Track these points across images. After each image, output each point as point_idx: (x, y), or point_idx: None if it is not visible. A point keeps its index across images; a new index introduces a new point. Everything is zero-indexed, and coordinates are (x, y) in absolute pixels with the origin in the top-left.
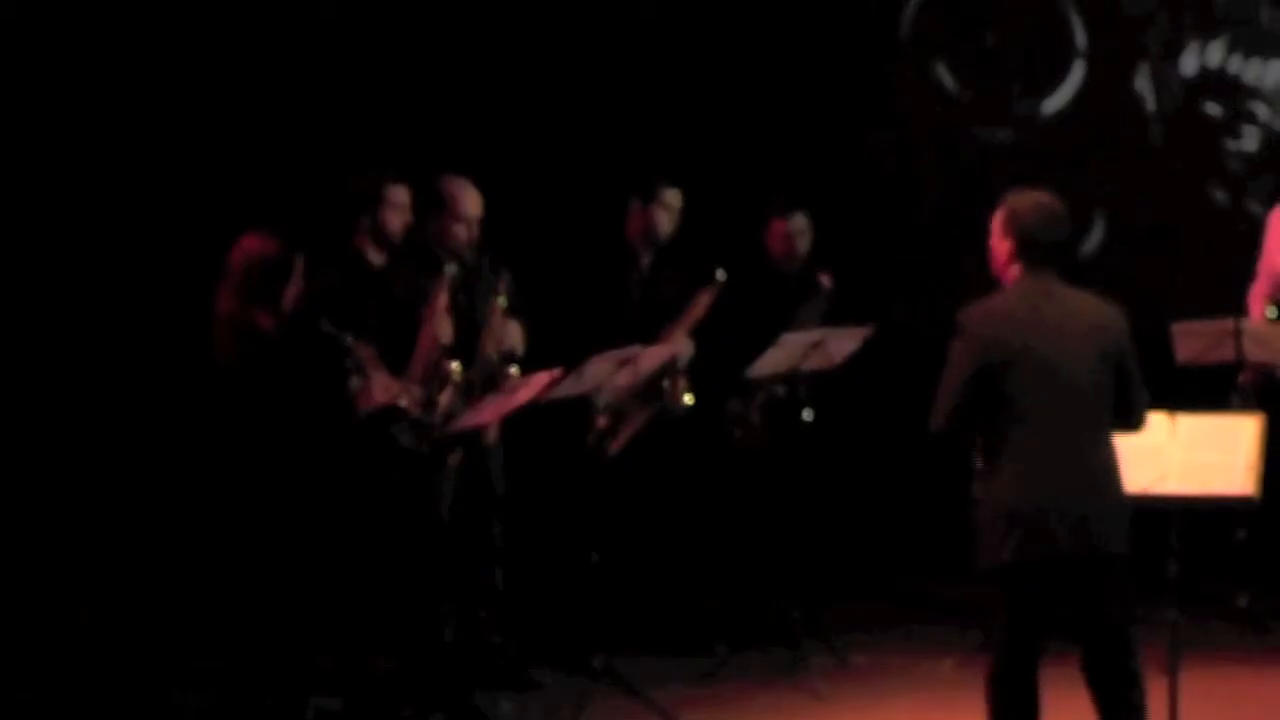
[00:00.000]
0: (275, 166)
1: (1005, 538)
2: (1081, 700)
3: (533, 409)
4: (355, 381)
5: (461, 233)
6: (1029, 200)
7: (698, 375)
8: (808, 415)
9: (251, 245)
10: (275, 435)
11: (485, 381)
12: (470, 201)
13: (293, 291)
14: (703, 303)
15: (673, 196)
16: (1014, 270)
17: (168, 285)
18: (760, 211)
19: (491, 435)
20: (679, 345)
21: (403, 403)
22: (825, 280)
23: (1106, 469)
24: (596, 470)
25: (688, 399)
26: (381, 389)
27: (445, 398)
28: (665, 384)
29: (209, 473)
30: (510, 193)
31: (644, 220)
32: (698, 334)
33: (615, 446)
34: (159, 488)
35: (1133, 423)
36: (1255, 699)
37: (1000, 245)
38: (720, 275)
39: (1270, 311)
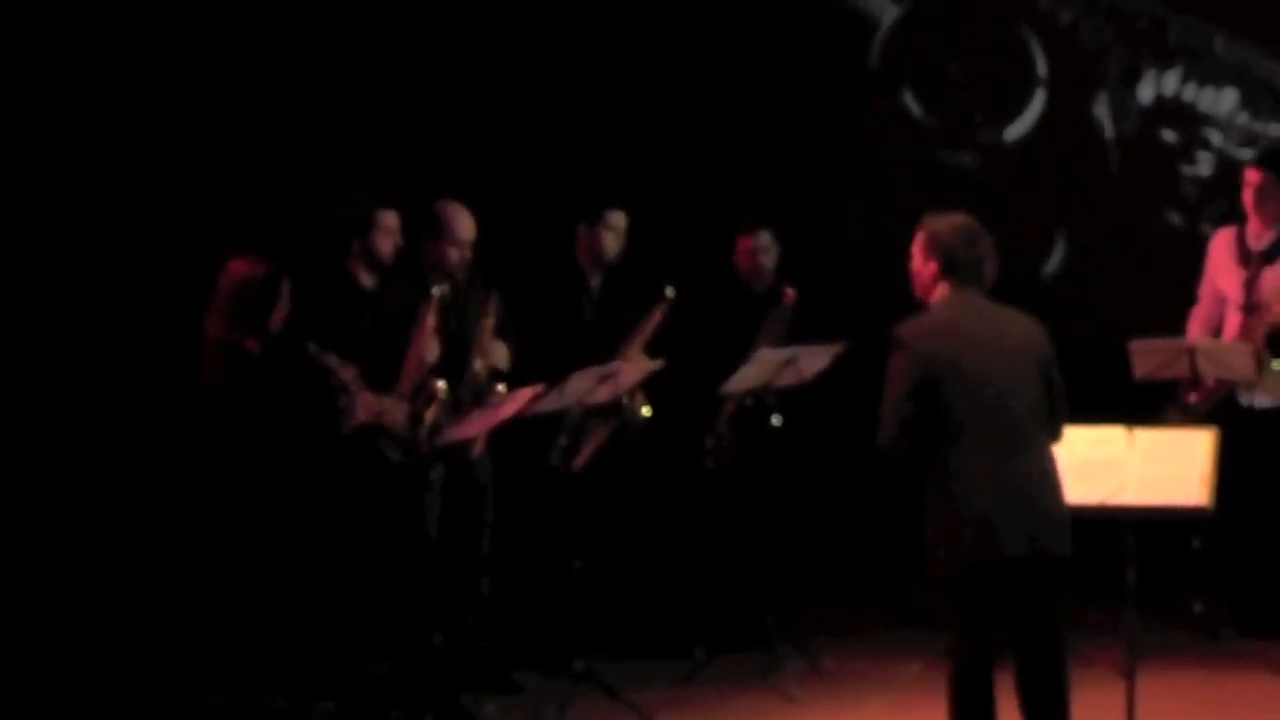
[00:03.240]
0: (269, 191)
1: (953, 547)
2: None
3: (507, 424)
4: (342, 400)
5: (454, 255)
6: (947, 222)
7: (670, 388)
8: (776, 421)
9: (239, 269)
10: (263, 452)
11: (474, 398)
12: (464, 225)
13: (279, 314)
14: (655, 319)
15: (616, 218)
16: (941, 289)
17: (160, 306)
18: (730, 230)
19: (479, 448)
20: (651, 361)
21: (387, 420)
22: (788, 294)
23: (1046, 476)
24: (565, 484)
25: (645, 411)
26: (365, 408)
27: (431, 414)
28: (624, 399)
29: (204, 488)
30: (491, 217)
31: (591, 243)
32: (669, 349)
33: (579, 462)
34: (156, 503)
35: (1054, 433)
36: (1209, 701)
37: (925, 267)
38: (670, 292)
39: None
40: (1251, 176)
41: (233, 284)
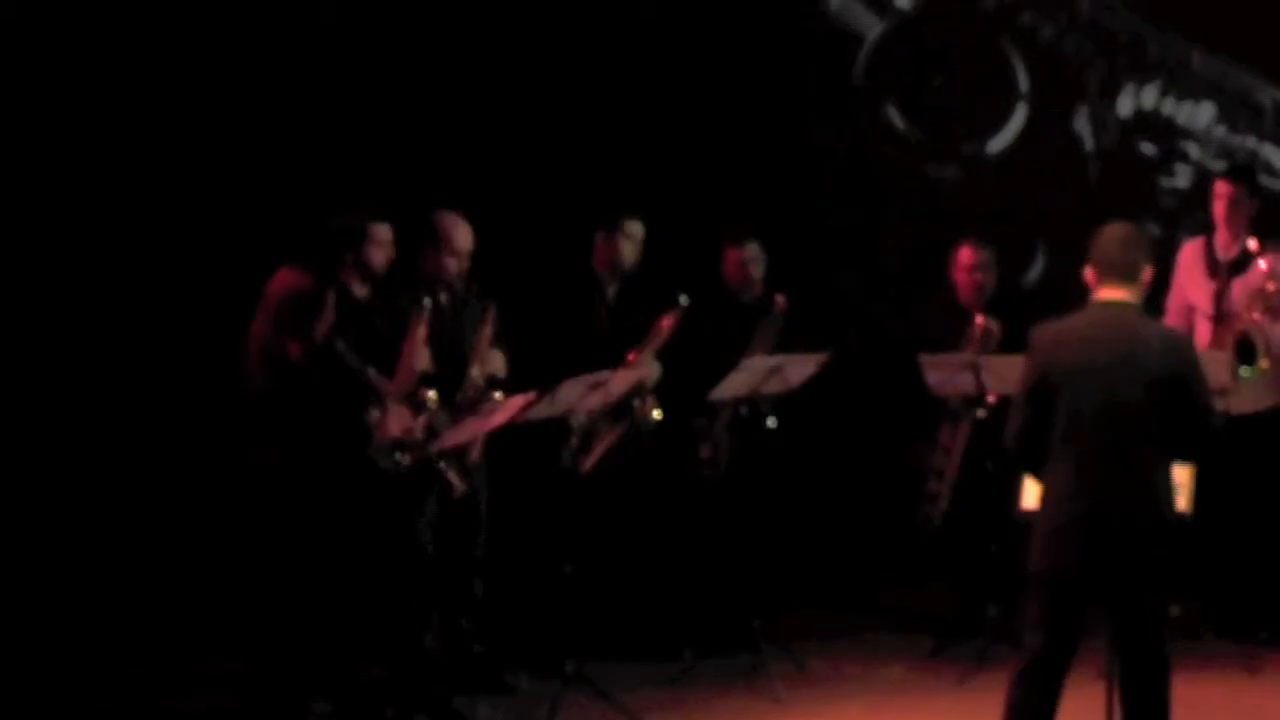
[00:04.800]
0: (266, 201)
1: (1044, 547)
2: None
3: (510, 429)
4: (373, 413)
5: (453, 265)
6: (1108, 228)
7: (664, 396)
8: (771, 422)
9: (287, 279)
10: (294, 456)
11: (470, 406)
12: (462, 236)
13: (324, 324)
14: (667, 326)
15: (634, 227)
16: (1096, 292)
17: (201, 313)
18: (718, 241)
19: (475, 453)
20: (646, 368)
21: (416, 435)
22: (780, 302)
23: (1146, 489)
24: (572, 486)
25: (656, 415)
26: (397, 422)
27: (421, 423)
28: (635, 403)
29: (223, 494)
30: (483, 227)
31: (608, 251)
32: (664, 356)
33: (589, 464)
34: (165, 505)
35: (1202, 445)
36: (1186, 702)
37: (1088, 273)
38: (683, 300)
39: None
40: (1222, 189)
41: (281, 292)
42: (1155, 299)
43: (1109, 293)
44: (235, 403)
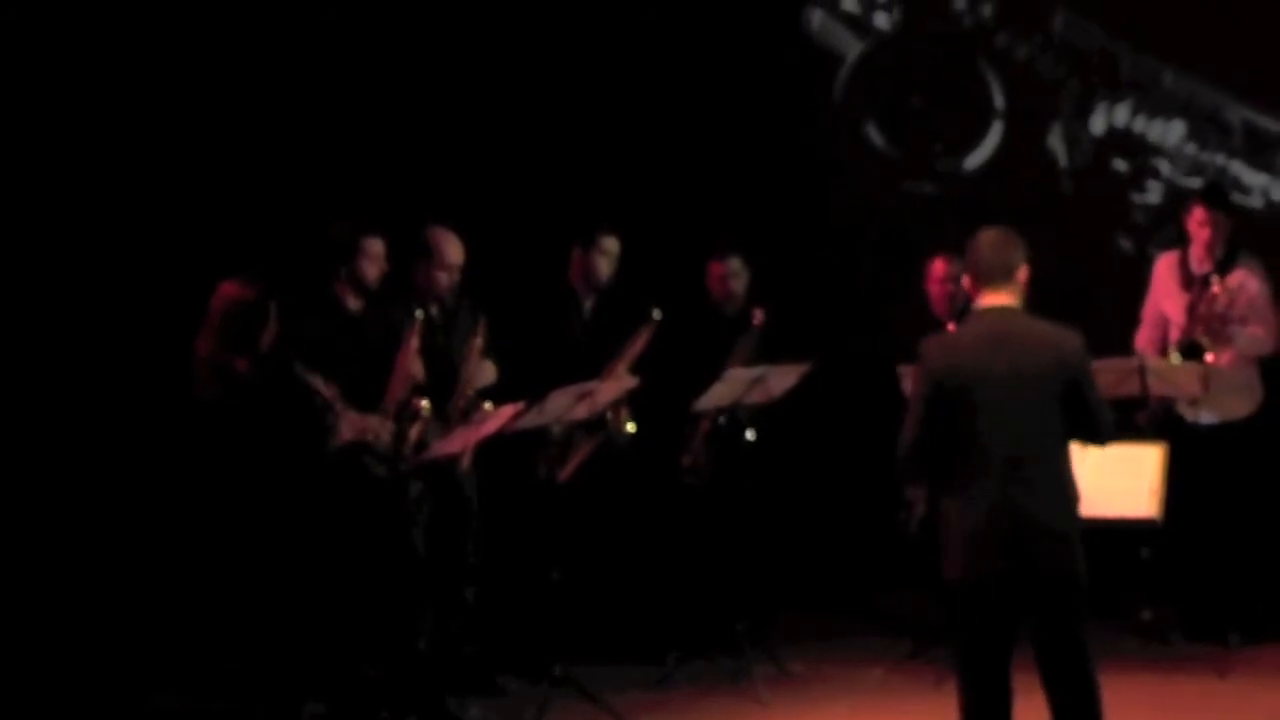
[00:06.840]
0: (260, 214)
1: (955, 556)
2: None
3: (495, 439)
4: (329, 419)
5: (444, 279)
6: (980, 235)
7: (648, 407)
8: (750, 435)
9: (230, 291)
10: (254, 467)
11: (461, 415)
12: (453, 250)
13: (269, 335)
14: (641, 340)
15: (610, 243)
16: (977, 300)
17: (154, 324)
18: (703, 256)
19: (466, 462)
20: (627, 380)
21: (369, 438)
22: (757, 315)
23: (1047, 494)
24: (550, 496)
25: (630, 427)
26: (349, 426)
27: (415, 431)
28: (609, 415)
29: (197, 501)
30: (475, 240)
31: (584, 266)
32: (648, 368)
33: (564, 474)
34: (152, 514)
35: (1098, 439)
36: (1158, 705)
37: (965, 281)
38: (656, 314)
39: (1174, 358)
40: (1199, 213)
41: (224, 305)
42: (1133, 308)
43: (990, 299)
44: (190, 414)
